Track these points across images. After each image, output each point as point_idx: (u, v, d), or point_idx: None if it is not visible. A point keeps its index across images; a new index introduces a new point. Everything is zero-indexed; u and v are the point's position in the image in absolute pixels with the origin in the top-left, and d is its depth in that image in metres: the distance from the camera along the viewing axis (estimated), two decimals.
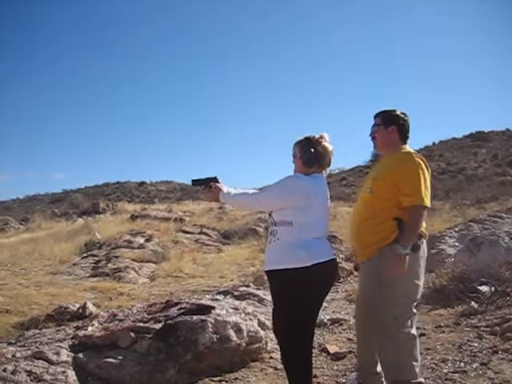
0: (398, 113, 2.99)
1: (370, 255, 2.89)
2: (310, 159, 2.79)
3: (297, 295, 2.64)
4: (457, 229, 7.87)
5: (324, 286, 2.76)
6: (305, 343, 2.75)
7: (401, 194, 2.79)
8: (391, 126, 2.96)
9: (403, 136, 2.99)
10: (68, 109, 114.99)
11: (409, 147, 2.99)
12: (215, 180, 2.93)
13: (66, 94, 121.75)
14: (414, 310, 2.91)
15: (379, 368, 3.06)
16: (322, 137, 2.83)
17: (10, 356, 3.57)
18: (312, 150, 2.78)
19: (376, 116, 3.04)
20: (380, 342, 2.89)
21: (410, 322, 2.85)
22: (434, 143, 40.67)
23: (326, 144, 2.82)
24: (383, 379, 3.00)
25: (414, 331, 2.86)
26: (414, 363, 2.82)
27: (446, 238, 7.62)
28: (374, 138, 3.05)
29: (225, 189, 2.88)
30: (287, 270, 2.64)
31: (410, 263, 2.74)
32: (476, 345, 3.83)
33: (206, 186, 2.94)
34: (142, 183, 54.55)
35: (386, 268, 2.75)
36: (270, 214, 2.81)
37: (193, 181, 3.02)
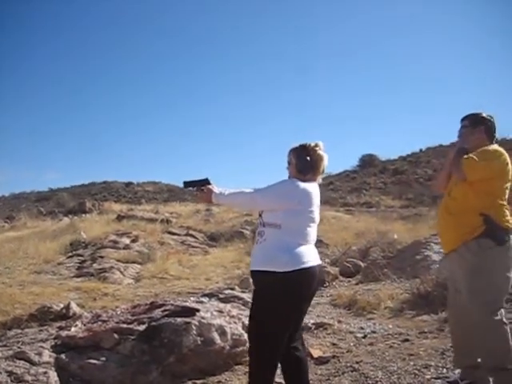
0: (484, 115, 3.17)
1: (456, 246, 3.06)
2: (306, 167, 2.81)
3: (275, 299, 2.62)
4: None
5: (305, 292, 2.72)
6: (273, 350, 2.67)
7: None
8: (479, 126, 3.14)
9: (490, 136, 3.16)
10: (58, 109, 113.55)
11: (496, 146, 3.13)
12: (207, 182, 2.93)
13: (57, 94, 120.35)
14: (504, 304, 3.06)
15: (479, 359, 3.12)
16: (317, 145, 2.85)
17: None
18: (308, 157, 2.80)
19: (464, 119, 3.22)
20: (475, 330, 3.00)
21: (501, 312, 2.97)
22: (421, 150, 41.00)
23: (321, 152, 2.85)
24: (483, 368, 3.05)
25: (505, 319, 2.96)
26: (509, 349, 2.92)
27: (432, 244, 7.70)
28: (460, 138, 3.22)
29: (216, 189, 2.89)
30: (269, 272, 2.63)
31: (498, 256, 2.94)
32: None
33: (198, 189, 2.94)
34: (129, 183, 54.18)
35: (474, 261, 2.94)
36: (260, 215, 2.81)
37: (184, 183, 3.02)
